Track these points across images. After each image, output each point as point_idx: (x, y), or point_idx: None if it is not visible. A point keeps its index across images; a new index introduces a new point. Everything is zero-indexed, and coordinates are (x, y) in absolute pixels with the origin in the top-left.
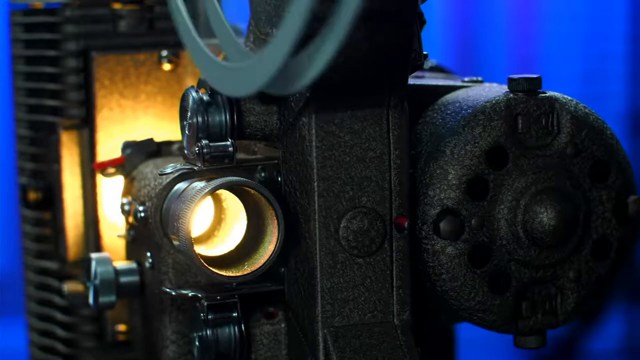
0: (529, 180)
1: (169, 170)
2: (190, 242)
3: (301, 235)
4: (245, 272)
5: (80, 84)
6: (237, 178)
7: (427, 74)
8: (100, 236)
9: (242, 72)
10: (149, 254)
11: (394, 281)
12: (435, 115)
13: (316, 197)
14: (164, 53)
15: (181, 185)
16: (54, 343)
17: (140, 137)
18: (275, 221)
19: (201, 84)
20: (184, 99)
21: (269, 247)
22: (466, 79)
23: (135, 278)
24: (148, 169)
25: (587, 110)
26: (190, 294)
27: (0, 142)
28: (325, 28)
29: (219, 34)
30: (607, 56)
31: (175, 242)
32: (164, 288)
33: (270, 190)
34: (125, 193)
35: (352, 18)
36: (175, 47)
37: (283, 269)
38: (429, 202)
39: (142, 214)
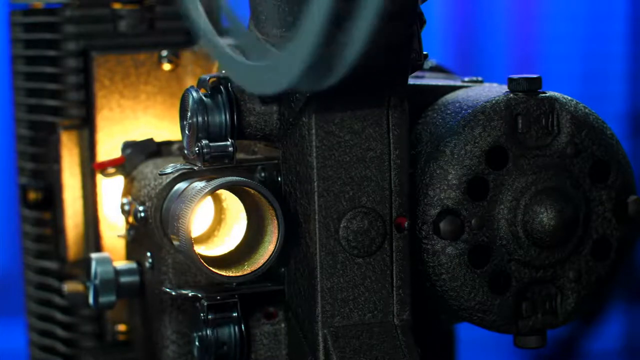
0: (529, 180)
1: (169, 170)
2: (190, 242)
3: (301, 235)
4: (245, 272)
5: (80, 84)
6: (237, 178)
7: (427, 74)
8: (100, 236)
9: (271, 69)
10: (149, 254)
11: (394, 281)
12: (435, 115)
13: (316, 197)
14: (164, 53)
15: (181, 185)
16: (54, 343)
17: (140, 137)
18: (275, 221)
19: (201, 84)
20: (184, 99)
21: (269, 247)
22: (466, 79)
23: (135, 278)
24: (148, 169)
25: (587, 110)
26: (190, 294)
27: (0, 142)
28: (350, 25)
29: (237, 33)
30: (607, 56)
31: (175, 242)
32: (164, 288)
33: (270, 190)
34: (125, 193)
35: (377, 14)
36: (175, 47)
37: (283, 269)
38: (429, 202)
39: (142, 214)
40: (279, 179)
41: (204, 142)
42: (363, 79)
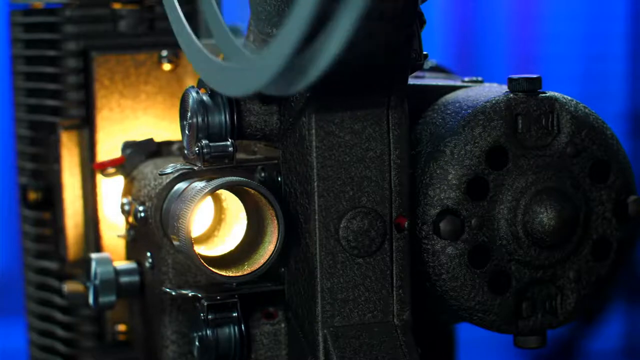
0: (529, 180)
1: (169, 170)
2: (190, 242)
3: (301, 235)
4: (245, 272)
5: (80, 84)
6: (237, 178)
7: (427, 74)
8: (100, 236)
9: (243, 71)
10: (149, 254)
11: (394, 281)
12: (435, 115)
13: (316, 197)
14: (164, 53)
15: (181, 185)
16: (54, 343)
17: (140, 137)
18: (275, 221)
19: (201, 84)
20: (184, 99)
21: (269, 247)
22: (466, 79)
23: (135, 278)
24: (148, 169)
25: (587, 110)
26: (190, 294)
27: (0, 142)
28: (327, 28)
29: (216, 34)
30: (607, 56)
31: (176, 242)
32: (164, 288)
33: (270, 190)
34: (125, 193)
35: (356, 18)
36: (175, 47)
37: (283, 269)
38: (429, 202)
39: (142, 214)
40: (279, 179)
41: (204, 142)
42: (363, 79)
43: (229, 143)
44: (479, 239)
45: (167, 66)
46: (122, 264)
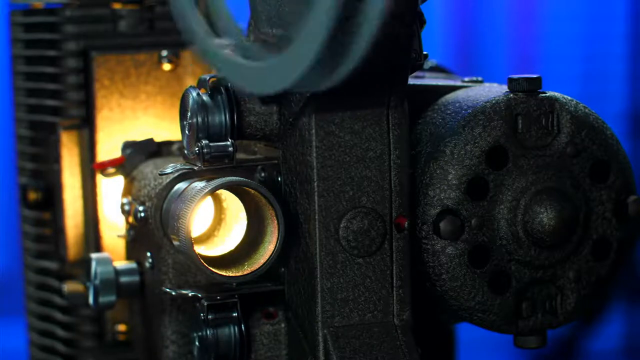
0: (529, 180)
1: (169, 170)
2: (190, 242)
3: (301, 235)
4: (245, 272)
5: (80, 84)
6: (237, 178)
7: (427, 74)
8: (100, 236)
9: (270, 70)
10: (149, 254)
11: (394, 281)
12: (435, 115)
13: (316, 197)
14: (164, 53)
15: (181, 185)
16: (54, 343)
17: (140, 137)
18: (275, 221)
19: (201, 84)
20: (184, 99)
21: (269, 247)
22: (466, 79)
23: (135, 278)
24: (148, 169)
25: (587, 110)
26: (190, 294)
27: (0, 142)
28: (353, 25)
29: (230, 33)
30: (607, 56)
31: (175, 242)
32: (164, 288)
33: (270, 190)
34: (125, 193)
35: (381, 13)
36: (175, 47)
37: (283, 269)
38: (429, 202)
39: (142, 214)
40: (279, 179)
41: (204, 142)
42: (363, 79)
43: (229, 143)
44: (479, 239)
45: (167, 66)
46: (122, 264)
